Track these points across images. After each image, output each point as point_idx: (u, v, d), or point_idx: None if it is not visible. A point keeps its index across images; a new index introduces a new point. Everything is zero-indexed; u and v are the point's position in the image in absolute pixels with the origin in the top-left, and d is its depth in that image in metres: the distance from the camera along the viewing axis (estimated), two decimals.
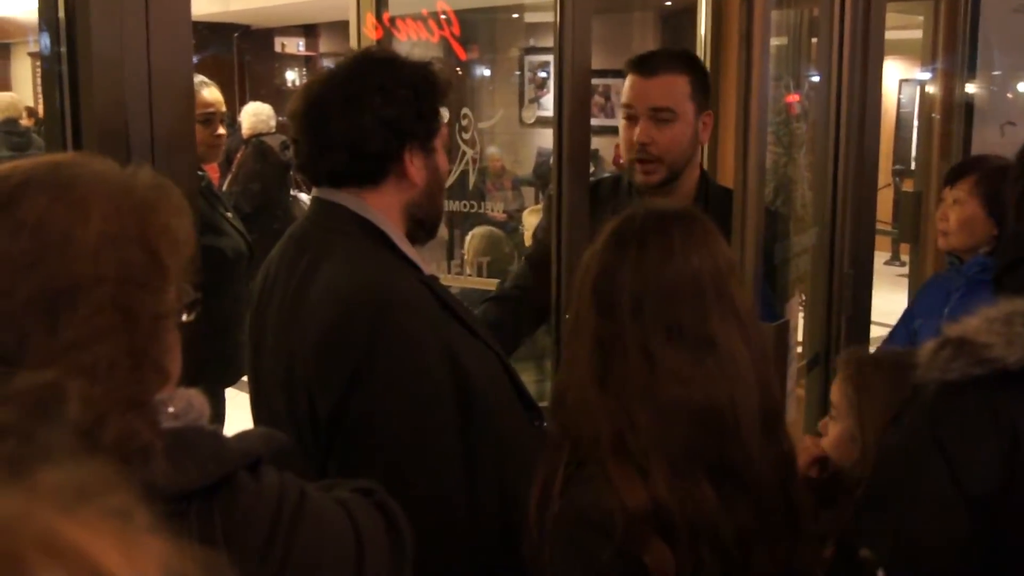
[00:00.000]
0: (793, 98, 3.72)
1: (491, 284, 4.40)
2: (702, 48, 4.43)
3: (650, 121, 2.76)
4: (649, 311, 1.64)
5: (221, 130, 4.26)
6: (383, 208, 2.02)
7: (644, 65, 2.81)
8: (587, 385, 1.67)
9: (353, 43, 4.40)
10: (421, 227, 2.10)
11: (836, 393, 2.17)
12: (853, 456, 2.12)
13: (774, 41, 2.65)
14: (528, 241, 5.05)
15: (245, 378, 2.22)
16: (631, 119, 2.80)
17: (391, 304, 1.87)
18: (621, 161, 2.92)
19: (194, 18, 1.85)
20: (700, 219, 1.74)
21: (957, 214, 3.14)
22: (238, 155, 7.51)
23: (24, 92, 13.36)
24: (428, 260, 2.12)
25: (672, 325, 1.64)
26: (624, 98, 2.82)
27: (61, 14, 1.72)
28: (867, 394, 2.10)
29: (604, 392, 1.65)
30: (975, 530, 1.43)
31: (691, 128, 2.80)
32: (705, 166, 3.60)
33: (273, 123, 7.66)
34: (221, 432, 1.28)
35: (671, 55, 2.87)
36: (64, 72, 1.73)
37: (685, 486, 1.60)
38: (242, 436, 1.34)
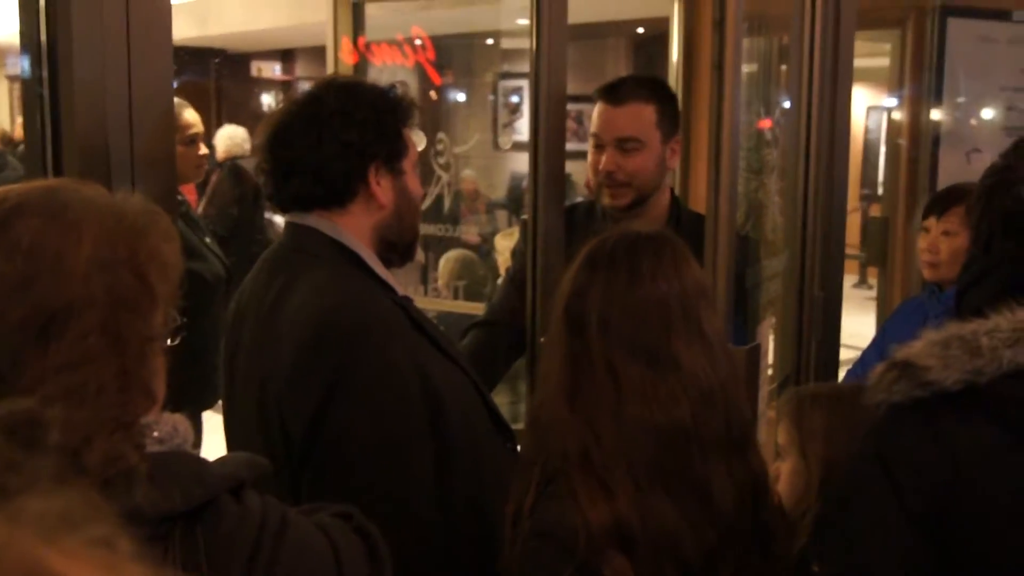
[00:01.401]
0: (764, 124, 3.74)
1: (467, 307, 4.41)
2: (674, 74, 4.46)
3: (616, 150, 2.80)
4: (615, 330, 1.68)
5: (204, 150, 4.26)
6: (354, 230, 2.03)
7: (611, 94, 2.83)
8: (557, 401, 1.70)
9: (329, 68, 4.40)
10: (393, 249, 2.11)
11: (781, 434, 2.19)
12: (802, 491, 2.14)
13: (745, 68, 2.67)
14: (501, 265, 5.06)
15: (220, 401, 2.21)
16: (598, 146, 2.82)
17: (365, 324, 1.87)
18: (591, 186, 2.93)
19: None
20: (671, 243, 1.78)
21: (948, 245, 3.14)
22: (212, 178, 7.47)
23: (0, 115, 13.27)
24: (403, 283, 2.12)
25: (636, 344, 1.68)
26: (592, 126, 2.84)
27: (43, 37, 1.72)
28: (807, 428, 2.11)
29: (572, 408, 1.68)
30: (920, 548, 1.45)
31: (657, 155, 2.82)
32: (677, 191, 3.63)
33: (248, 146, 7.62)
34: (204, 457, 1.28)
35: (638, 83, 2.89)
36: (45, 95, 1.72)
37: (648, 502, 1.62)
38: (225, 461, 1.34)
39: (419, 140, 2.16)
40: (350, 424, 1.83)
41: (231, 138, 7.56)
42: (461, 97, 7.23)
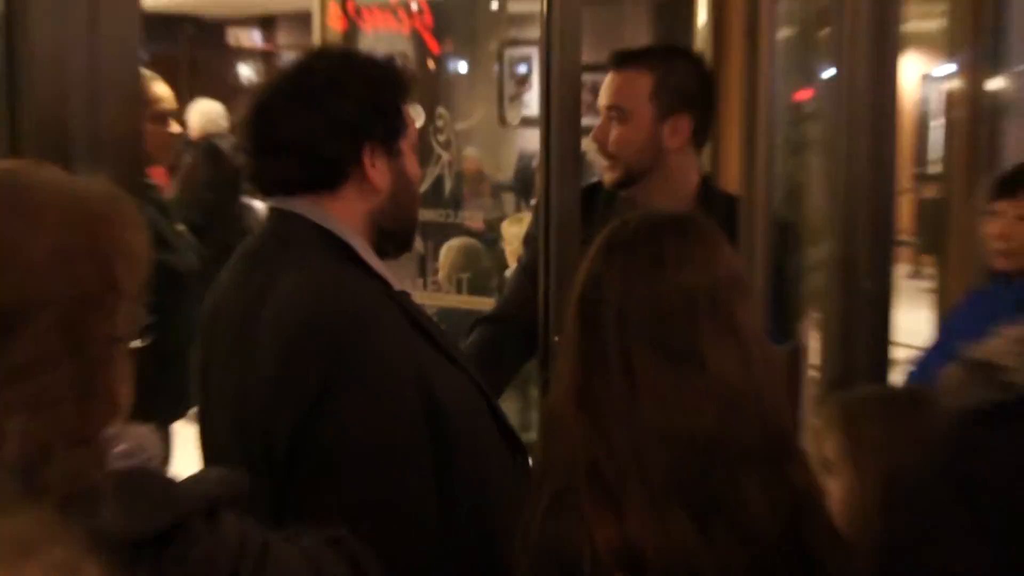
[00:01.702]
0: (804, 95, 3.73)
1: (471, 302, 4.41)
2: (701, 41, 4.45)
3: (606, 118, 2.91)
4: (634, 324, 1.67)
5: (174, 128, 4.26)
6: (345, 217, 2.02)
7: (614, 58, 2.94)
8: (566, 405, 1.69)
9: (315, 36, 4.41)
10: (390, 239, 2.10)
11: (829, 446, 2.18)
12: (857, 510, 2.12)
13: (781, 32, 2.67)
14: (509, 255, 5.06)
15: (193, 411, 2.21)
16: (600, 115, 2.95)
17: (357, 322, 1.86)
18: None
19: None
20: (700, 224, 1.77)
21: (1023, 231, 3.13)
22: (185, 158, 7.46)
23: None
24: (399, 276, 2.12)
25: (657, 340, 1.66)
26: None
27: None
28: (861, 439, 2.10)
29: (582, 413, 1.67)
30: (1002, 569, 1.44)
31: (645, 131, 2.87)
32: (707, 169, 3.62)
33: (225, 123, 7.61)
34: (174, 475, 1.27)
35: (648, 51, 3.01)
36: None
37: (663, 521, 1.60)
38: (198, 479, 1.34)
39: (417, 116, 2.16)
40: (341, 434, 1.82)
41: (206, 114, 7.55)
42: (463, 67, 7.22)
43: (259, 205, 7.58)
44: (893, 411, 2.09)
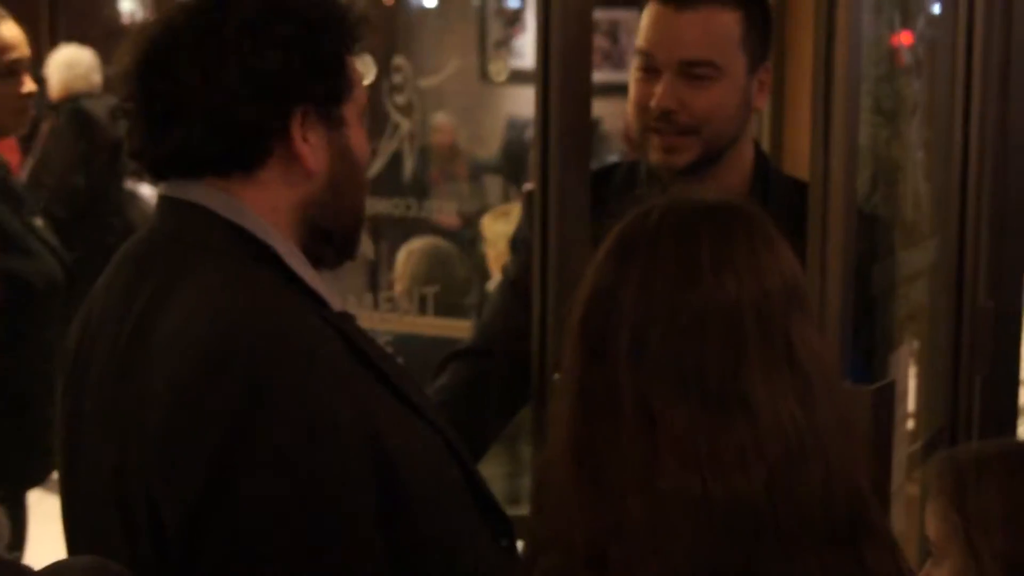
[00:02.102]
0: (902, 39, 3.75)
1: (441, 327, 4.41)
2: None
3: (680, 78, 2.78)
4: (655, 352, 1.68)
5: (29, 85, 4.25)
6: (265, 209, 2.03)
7: None
8: (563, 464, 1.71)
9: None
10: (327, 240, 2.11)
11: (933, 520, 2.19)
12: None
13: None
14: (493, 261, 5.07)
15: (56, 475, 2.21)
16: (650, 71, 2.83)
17: (279, 352, 1.86)
18: (631, 134, 2.93)
19: None
20: (747, 216, 1.79)
21: None
22: (44, 127, 7.44)
23: None
24: (341, 290, 2.13)
25: (686, 375, 1.67)
26: (641, 40, 2.84)
27: None
28: (976, 511, 2.12)
29: (583, 474, 1.68)
30: None
31: (741, 89, 2.83)
32: (765, 145, 3.63)
33: (97, 78, 7.59)
34: (25, 564, 1.28)
35: None
36: None
37: None
38: (58, 569, 1.35)
39: (368, 71, 2.16)
40: (256, 507, 1.82)
41: (71, 66, 7.53)
42: (429, 2, 7.24)
43: (148, 191, 7.59)
44: (1019, 475, 2.11)
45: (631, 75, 2.88)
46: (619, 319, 1.70)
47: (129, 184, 7.68)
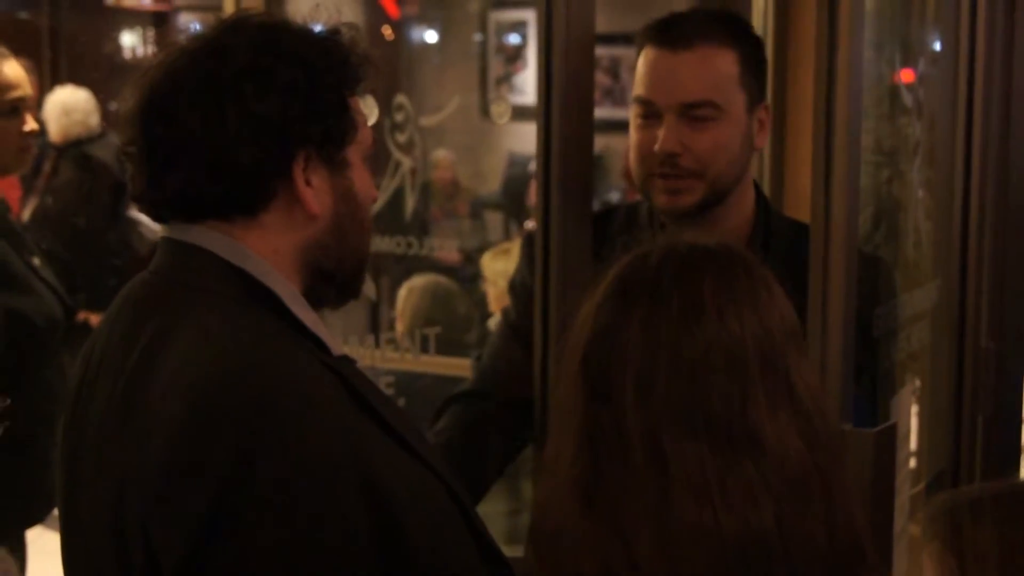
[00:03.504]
0: (904, 77, 3.74)
1: (442, 366, 4.40)
2: (761, 9, 4.48)
3: (681, 120, 2.78)
4: (662, 391, 1.70)
5: (31, 124, 4.24)
6: (268, 252, 2.02)
7: (670, 33, 2.83)
8: (567, 501, 1.72)
9: None
10: (330, 281, 2.11)
11: (930, 564, 2.19)
12: None
13: None
14: (493, 299, 5.07)
15: (56, 512, 2.21)
16: (650, 117, 2.82)
17: (278, 398, 1.85)
18: (632, 175, 2.93)
19: None
20: (744, 260, 1.82)
21: None
22: (46, 166, 7.40)
23: None
24: (341, 330, 2.12)
25: (695, 413, 1.70)
26: (639, 87, 2.84)
27: None
28: (971, 554, 2.12)
29: (591, 511, 1.70)
30: None
31: (742, 128, 2.83)
32: (766, 187, 3.63)
33: (95, 120, 7.47)
34: None
35: (709, 18, 2.90)
36: None
37: None
38: None
39: (370, 111, 2.17)
40: (252, 553, 1.81)
41: (67, 113, 7.37)
42: (431, 37, 7.26)
43: (152, 225, 7.54)
44: (1015, 515, 2.11)
45: (631, 122, 2.87)
46: (623, 360, 1.72)
47: (133, 214, 7.65)
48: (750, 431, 1.70)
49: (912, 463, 3.38)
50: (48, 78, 10.69)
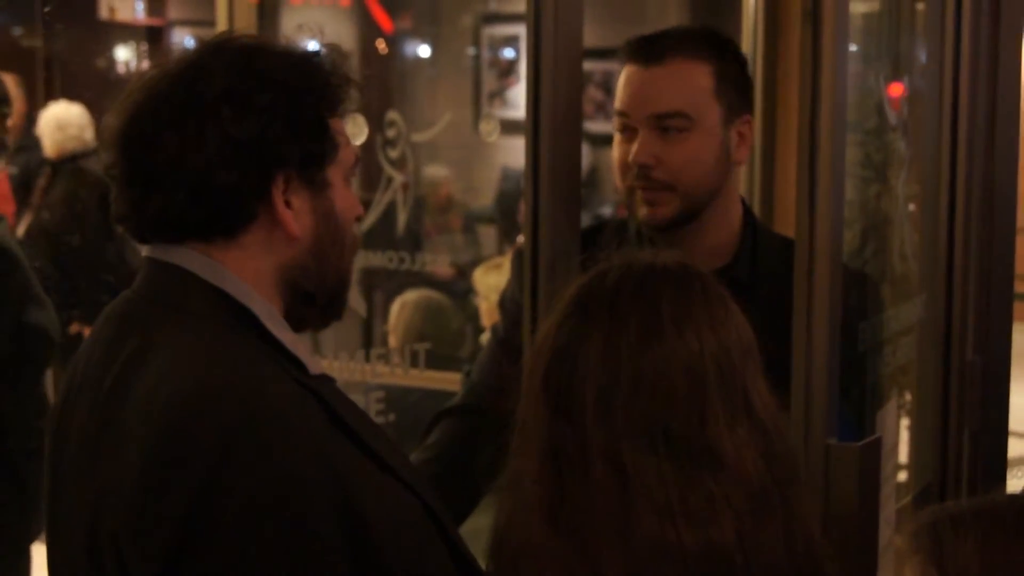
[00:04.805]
0: (892, 91, 3.75)
1: (435, 380, 4.39)
2: (750, 26, 4.48)
3: (654, 133, 2.79)
4: (622, 407, 1.72)
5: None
6: (247, 272, 2.02)
7: (644, 49, 2.84)
8: (531, 519, 1.74)
9: (220, 9, 4.43)
10: (310, 302, 2.11)
11: None
12: None
13: (859, 6, 2.69)
14: (485, 314, 5.06)
15: None
16: (628, 130, 2.84)
17: (251, 419, 1.85)
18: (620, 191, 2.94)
19: None
20: (703, 278, 1.84)
21: None
22: (40, 182, 7.40)
23: None
24: (336, 342, 2.12)
25: (656, 429, 1.71)
26: (617, 102, 2.85)
27: None
28: (954, 568, 2.11)
29: (554, 528, 1.72)
30: None
31: (717, 141, 2.83)
32: (753, 202, 3.63)
33: (90, 134, 7.47)
34: None
35: (686, 34, 2.91)
36: None
37: None
38: None
39: (357, 132, 2.16)
40: (223, 571, 1.81)
41: (62, 128, 7.36)
42: (424, 52, 7.26)
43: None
44: (996, 530, 2.11)
45: (614, 137, 2.89)
46: (583, 376, 1.75)
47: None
48: (710, 446, 1.72)
49: (903, 476, 3.38)
50: (42, 93, 10.71)
